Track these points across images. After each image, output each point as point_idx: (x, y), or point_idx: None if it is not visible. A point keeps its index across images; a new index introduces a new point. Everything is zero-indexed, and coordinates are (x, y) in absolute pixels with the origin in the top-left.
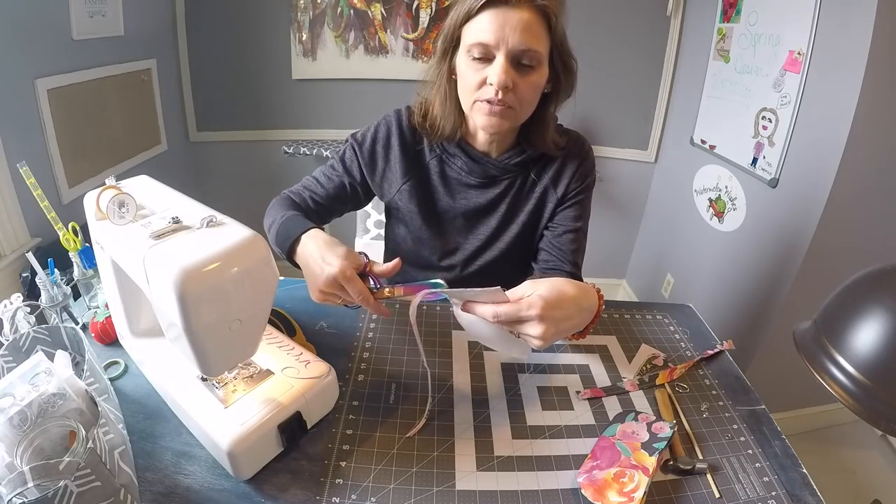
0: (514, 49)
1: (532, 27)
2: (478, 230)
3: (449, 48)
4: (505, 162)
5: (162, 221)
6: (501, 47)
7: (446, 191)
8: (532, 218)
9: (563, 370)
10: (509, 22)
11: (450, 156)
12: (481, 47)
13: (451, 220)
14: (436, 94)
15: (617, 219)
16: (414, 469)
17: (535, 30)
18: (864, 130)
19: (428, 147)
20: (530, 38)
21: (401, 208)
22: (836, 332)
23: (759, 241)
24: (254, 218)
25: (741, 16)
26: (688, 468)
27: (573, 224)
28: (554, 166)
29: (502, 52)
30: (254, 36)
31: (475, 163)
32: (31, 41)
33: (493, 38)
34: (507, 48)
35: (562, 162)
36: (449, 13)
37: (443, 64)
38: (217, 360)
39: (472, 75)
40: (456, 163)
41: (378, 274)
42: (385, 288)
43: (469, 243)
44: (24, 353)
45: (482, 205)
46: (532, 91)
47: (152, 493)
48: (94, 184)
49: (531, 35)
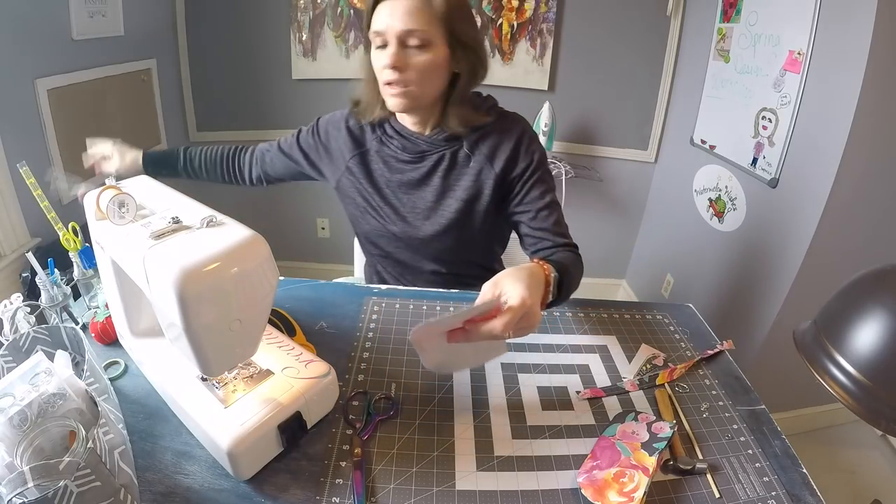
0: (399, 32)
1: (415, 12)
2: (416, 204)
3: (368, 43)
4: (433, 137)
5: (162, 221)
6: (391, 33)
7: (386, 167)
8: (471, 194)
9: (563, 370)
10: (395, 10)
11: (388, 137)
12: (378, 36)
13: (392, 192)
14: (364, 85)
15: (617, 219)
16: (414, 469)
17: (418, 14)
18: (864, 130)
19: (370, 129)
20: (412, 21)
21: (348, 185)
22: (836, 332)
23: (759, 241)
24: (254, 218)
25: (741, 16)
26: (688, 468)
27: (542, 201)
28: (489, 142)
29: (391, 36)
30: (254, 36)
31: (407, 140)
32: (31, 41)
33: (384, 26)
34: (395, 32)
35: (497, 138)
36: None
37: (366, 57)
38: (217, 360)
39: (376, 63)
40: (392, 142)
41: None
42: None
43: (412, 216)
44: (24, 353)
45: (415, 178)
46: (425, 69)
47: (152, 493)
48: (94, 184)
49: (412, 18)
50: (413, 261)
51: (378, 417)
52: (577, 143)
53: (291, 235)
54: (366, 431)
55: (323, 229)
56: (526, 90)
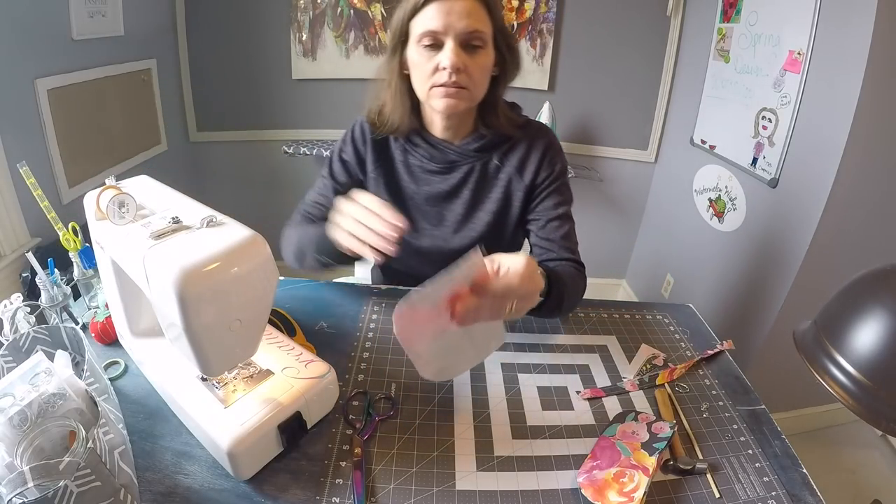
0: (461, 32)
1: (474, 12)
2: (445, 217)
3: (398, 44)
4: (464, 147)
5: (162, 221)
6: (450, 32)
7: (411, 178)
8: (501, 206)
9: (563, 370)
10: (454, 9)
11: (413, 145)
12: (431, 35)
13: (417, 206)
14: (388, 90)
15: (617, 219)
16: (414, 469)
17: (477, 14)
18: (864, 130)
19: (392, 138)
20: (475, 21)
21: None
22: (836, 332)
23: (759, 241)
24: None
25: (741, 16)
26: (688, 468)
27: (554, 212)
28: (518, 153)
29: (451, 36)
30: (254, 36)
31: (435, 149)
32: (31, 41)
33: (441, 25)
34: (455, 32)
35: (526, 149)
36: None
37: (393, 60)
38: (217, 360)
39: (424, 64)
40: (418, 151)
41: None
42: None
43: (439, 231)
44: (24, 353)
45: (445, 190)
46: (482, 71)
47: (152, 493)
48: (94, 184)
49: (475, 18)
50: (435, 273)
51: (378, 417)
52: (577, 143)
53: None
54: (366, 431)
55: None
56: (526, 90)
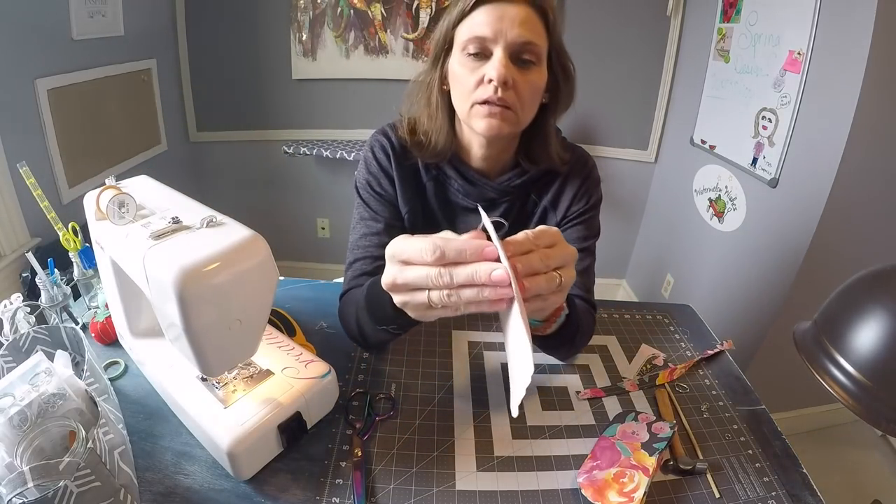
0: (513, 42)
1: (530, 22)
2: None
3: (441, 52)
4: (504, 184)
5: (162, 221)
6: (500, 40)
7: (445, 215)
8: None
9: (563, 370)
10: (507, 15)
11: (446, 177)
12: (478, 42)
13: None
14: (424, 106)
15: (617, 219)
16: (414, 469)
17: (533, 24)
18: (864, 130)
19: (423, 167)
20: (529, 32)
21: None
22: (836, 332)
23: (759, 241)
24: (254, 218)
25: (741, 16)
26: (688, 468)
27: (576, 245)
28: (554, 186)
29: (501, 45)
30: (254, 36)
31: (471, 185)
32: (31, 41)
33: (491, 31)
34: (506, 41)
35: (562, 182)
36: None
37: (433, 71)
38: (217, 360)
39: (468, 76)
40: (452, 185)
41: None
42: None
43: None
44: (24, 353)
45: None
46: (532, 91)
47: (152, 493)
48: (94, 184)
49: (529, 29)
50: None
51: (378, 417)
52: (577, 143)
53: (291, 235)
54: (366, 431)
55: (323, 229)
56: None
